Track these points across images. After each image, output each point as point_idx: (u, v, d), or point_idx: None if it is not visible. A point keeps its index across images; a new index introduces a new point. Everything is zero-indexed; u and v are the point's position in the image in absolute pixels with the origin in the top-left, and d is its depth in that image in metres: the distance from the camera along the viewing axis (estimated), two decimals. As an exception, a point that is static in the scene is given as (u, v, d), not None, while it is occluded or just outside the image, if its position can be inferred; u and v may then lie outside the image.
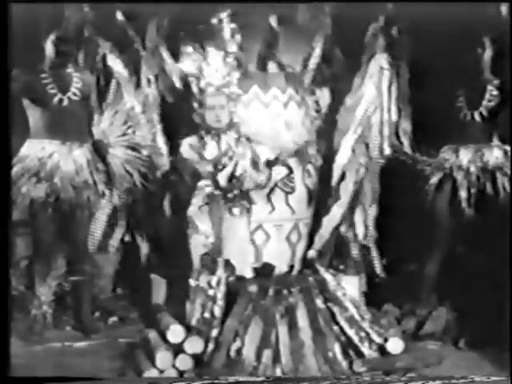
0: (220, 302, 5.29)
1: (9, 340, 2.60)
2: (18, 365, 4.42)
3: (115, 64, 5.66)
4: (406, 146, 5.91)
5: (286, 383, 4.93)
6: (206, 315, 5.24)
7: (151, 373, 4.89)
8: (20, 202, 5.30)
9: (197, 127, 5.74)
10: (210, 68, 5.60)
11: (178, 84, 5.74)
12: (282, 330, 5.23)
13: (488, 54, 5.74)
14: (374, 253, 5.97)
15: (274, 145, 5.78)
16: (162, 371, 4.92)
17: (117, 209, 5.69)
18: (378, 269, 5.94)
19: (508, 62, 5.59)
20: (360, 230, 6.01)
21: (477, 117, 5.78)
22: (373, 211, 5.98)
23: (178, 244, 5.76)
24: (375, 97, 5.82)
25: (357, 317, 5.39)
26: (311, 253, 5.89)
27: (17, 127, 5.18)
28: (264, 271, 5.67)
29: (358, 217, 6.02)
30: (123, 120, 5.60)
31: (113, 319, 5.78)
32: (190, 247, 5.72)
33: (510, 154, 5.63)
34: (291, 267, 5.82)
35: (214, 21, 5.61)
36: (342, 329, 5.32)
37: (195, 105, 5.66)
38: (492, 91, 5.76)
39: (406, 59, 5.87)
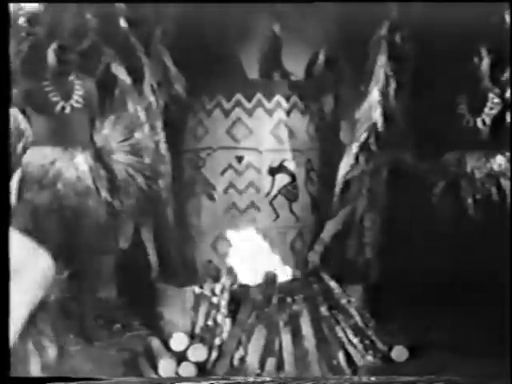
0: (224, 310, 5.26)
1: (9, 340, 2.57)
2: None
3: (119, 71, 5.64)
4: (407, 155, 5.89)
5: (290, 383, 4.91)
6: (210, 323, 5.22)
7: (154, 380, 4.90)
8: (22, 209, 5.29)
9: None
10: None
11: (181, 92, 5.73)
12: (286, 338, 5.20)
13: (487, 62, 5.73)
14: (376, 260, 5.94)
15: (277, 152, 5.79)
16: (164, 379, 4.92)
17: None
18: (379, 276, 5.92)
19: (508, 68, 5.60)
20: (364, 237, 5.99)
21: (479, 124, 5.76)
22: (376, 219, 5.96)
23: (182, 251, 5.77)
24: (379, 104, 5.80)
25: (361, 324, 5.37)
26: (311, 255, 5.87)
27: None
28: (267, 279, 5.64)
29: (362, 224, 5.99)
30: (125, 125, 5.58)
31: (116, 326, 5.76)
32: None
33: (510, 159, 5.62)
34: (295, 275, 5.81)
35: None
36: (346, 336, 5.29)
37: None
38: (494, 99, 5.75)
39: (410, 66, 5.85)
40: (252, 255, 5.69)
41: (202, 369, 5.01)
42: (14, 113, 5.25)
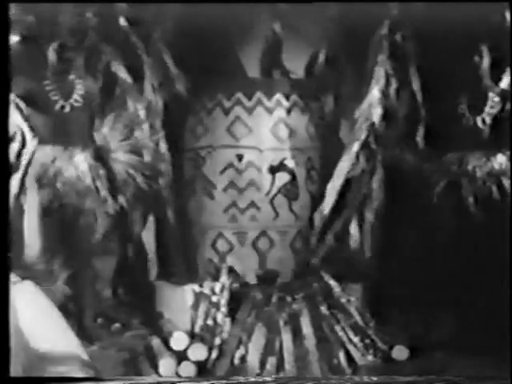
0: (223, 309, 5.26)
1: (9, 340, 2.58)
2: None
3: (119, 70, 5.63)
4: (407, 154, 5.88)
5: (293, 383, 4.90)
6: (210, 322, 5.21)
7: (154, 379, 4.89)
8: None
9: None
10: None
11: (182, 91, 5.72)
12: (286, 337, 5.19)
13: (488, 61, 5.72)
14: (377, 259, 5.94)
15: (277, 151, 5.78)
16: (165, 378, 4.91)
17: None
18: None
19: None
20: (364, 236, 5.98)
21: (479, 123, 5.76)
22: (376, 218, 5.95)
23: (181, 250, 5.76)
24: (380, 103, 5.79)
25: (361, 324, 5.36)
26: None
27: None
28: (268, 278, 5.64)
29: (362, 224, 5.99)
30: (125, 124, 5.57)
31: (116, 326, 5.75)
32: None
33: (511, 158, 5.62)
34: (295, 274, 5.80)
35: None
36: (346, 336, 5.28)
37: None
38: (494, 98, 5.74)
39: (412, 65, 5.84)
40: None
41: (203, 368, 5.01)
42: (14, 111, 5.24)
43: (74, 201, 5.36)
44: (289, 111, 5.84)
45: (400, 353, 5.26)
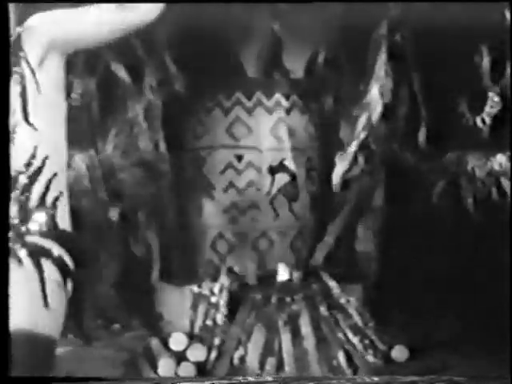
0: (223, 310, 5.25)
1: (9, 340, 2.58)
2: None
3: (118, 70, 5.62)
4: (407, 154, 5.88)
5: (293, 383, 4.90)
6: (209, 323, 5.20)
7: (153, 380, 4.90)
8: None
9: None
10: None
11: (181, 90, 5.72)
12: (285, 338, 5.19)
13: (488, 61, 5.71)
14: (376, 259, 5.93)
15: (277, 151, 5.77)
16: (164, 379, 4.91)
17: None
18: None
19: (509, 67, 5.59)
20: (364, 237, 5.97)
21: (479, 123, 5.74)
22: (375, 218, 5.95)
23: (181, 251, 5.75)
24: (379, 103, 5.78)
25: (361, 324, 5.35)
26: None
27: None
28: (267, 278, 5.63)
29: (362, 224, 5.98)
30: (127, 135, 5.55)
31: (116, 326, 5.75)
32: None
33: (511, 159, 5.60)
34: (295, 274, 5.79)
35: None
36: (346, 336, 5.28)
37: None
38: (493, 97, 5.72)
39: (412, 65, 5.83)
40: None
41: (202, 369, 5.00)
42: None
43: (71, 202, 5.34)
44: (288, 111, 5.84)
45: (400, 353, 5.24)
